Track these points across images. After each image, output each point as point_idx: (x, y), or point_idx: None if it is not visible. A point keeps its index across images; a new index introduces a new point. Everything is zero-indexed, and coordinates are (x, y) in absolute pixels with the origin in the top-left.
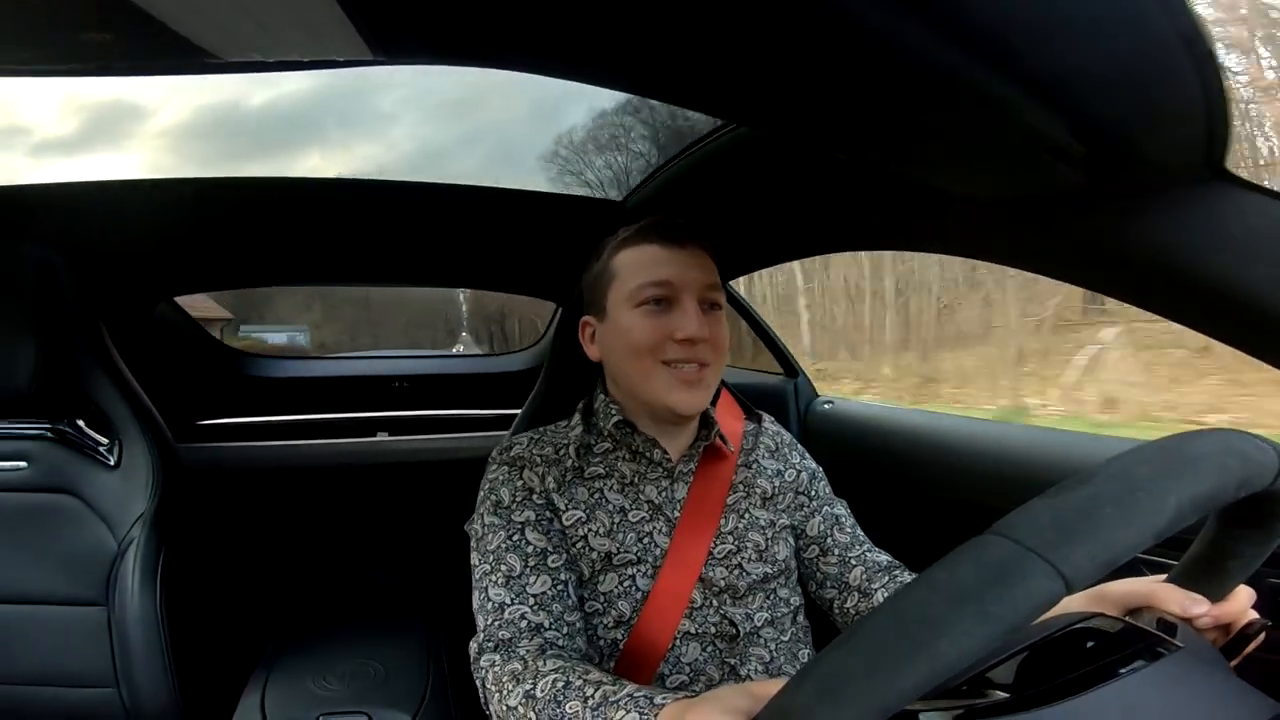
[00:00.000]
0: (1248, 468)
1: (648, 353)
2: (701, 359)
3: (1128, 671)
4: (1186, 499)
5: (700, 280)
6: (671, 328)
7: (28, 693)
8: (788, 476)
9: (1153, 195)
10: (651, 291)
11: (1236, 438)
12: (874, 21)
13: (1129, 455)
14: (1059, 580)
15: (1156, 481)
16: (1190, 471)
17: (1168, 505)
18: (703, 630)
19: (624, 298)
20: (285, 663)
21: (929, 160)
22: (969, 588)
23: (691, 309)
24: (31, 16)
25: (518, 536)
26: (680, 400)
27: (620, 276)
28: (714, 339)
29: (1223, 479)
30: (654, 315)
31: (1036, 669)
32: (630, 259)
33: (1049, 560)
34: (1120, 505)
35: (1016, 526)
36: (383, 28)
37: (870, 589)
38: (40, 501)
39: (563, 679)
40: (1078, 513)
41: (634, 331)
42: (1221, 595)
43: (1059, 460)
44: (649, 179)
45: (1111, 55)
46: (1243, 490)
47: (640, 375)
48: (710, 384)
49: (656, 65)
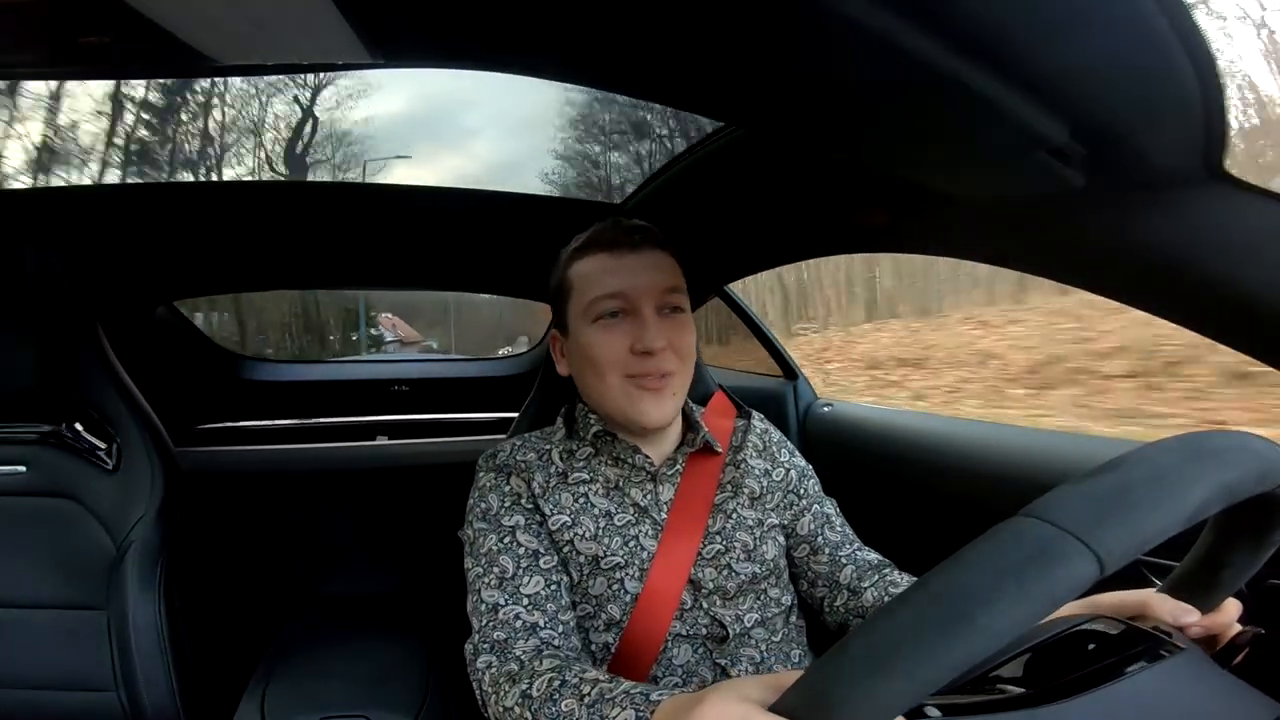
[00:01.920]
0: (1265, 463)
1: (608, 369)
2: (664, 369)
3: (1135, 670)
4: (1213, 486)
5: (656, 285)
6: (630, 339)
7: (27, 696)
8: (776, 475)
9: (1151, 196)
10: (606, 305)
11: (1250, 437)
12: (872, 23)
13: (1152, 447)
14: (1095, 562)
15: (1182, 469)
16: (1214, 461)
17: (1195, 492)
18: (693, 632)
19: (580, 312)
20: (285, 666)
21: (928, 162)
22: (1008, 566)
23: (650, 318)
24: (32, 20)
25: (509, 539)
26: (646, 413)
27: (576, 290)
28: (675, 345)
29: (1245, 470)
30: (611, 329)
31: (1041, 670)
32: (582, 270)
33: (1085, 541)
34: (1151, 489)
35: (1052, 509)
36: (382, 31)
37: (860, 587)
38: (39, 505)
39: (558, 678)
40: (1112, 496)
41: (592, 348)
42: (1212, 606)
43: (1060, 462)
44: (648, 182)
45: (1110, 55)
46: (1262, 484)
47: (604, 391)
48: (678, 391)
49: (654, 68)
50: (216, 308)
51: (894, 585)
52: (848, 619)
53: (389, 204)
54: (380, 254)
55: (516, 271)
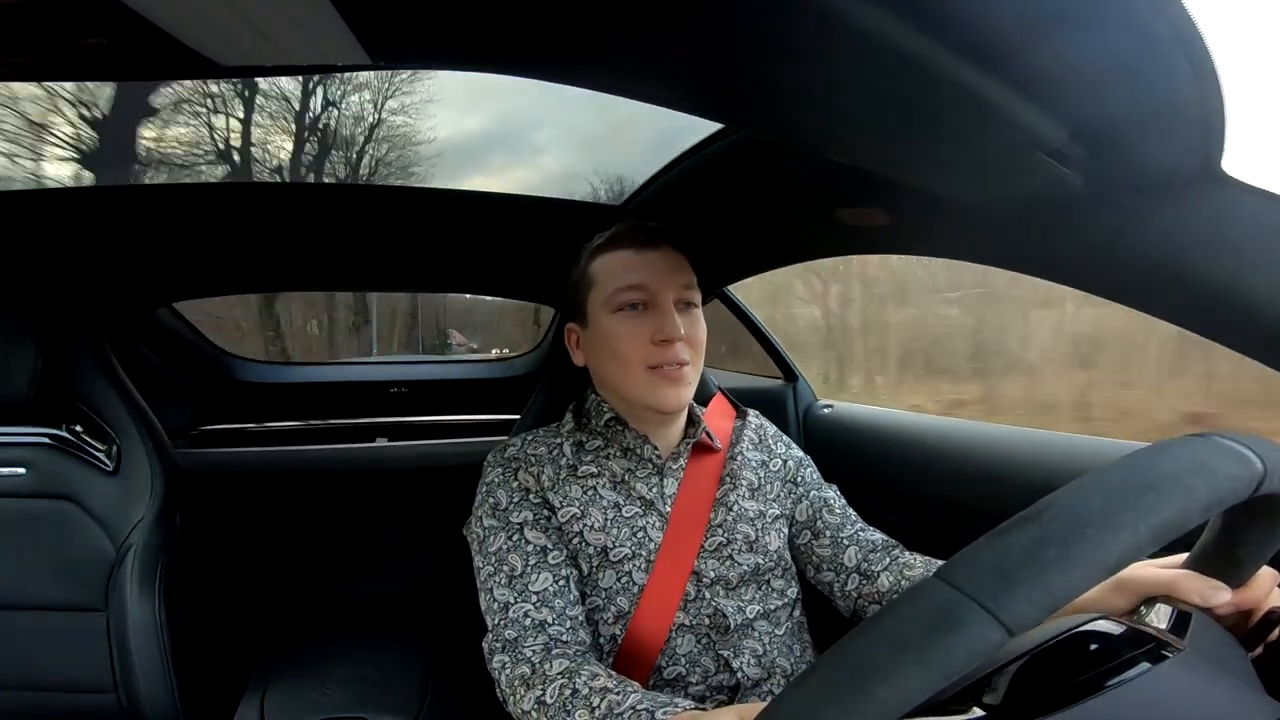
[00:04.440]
0: (1216, 488)
1: (632, 359)
2: (681, 359)
3: (1116, 684)
4: (1144, 531)
5: (675, 280)
6: (651, 329)
7: (26, 698)
8: (773, 466)
9: (1150, 197)
10: (629, 295)
11: (1213, 451)
12: (873, 25)
13: (1086, 483)
14: (999, 628)
15: (1110, 515)
16: (1151, 498)
17: (1120, 541)
18: (697, 622)
19: (602, 303)
20: (284, 668)
21: (929, 164)
22: (909, 636)
23: (669, 310)
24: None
25: (517, 537)
26: (664, 398)
27: (598, 283)
28: (691, 337)
29: (1186, 504)
30: (633, 319)
31: (1038, 674)
32: (606, 265)
33: (988, 608)
34: (1065, 545)
35: (959, 571)
36: (381, 33)
37: (872, 570)
38: (39, 507)
39: (569, 686)
40: (1022, 555)
41: (615, 337)
42: (1240, 581)
43: (1060, 464)
44: (648, 184)
45: (1109, 57)
46: (1210, 511)
47: (624, 378)
48: (691, 380)
49: (654, 70)
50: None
51: (909, 567)
52: (861, 604)
53: (388, 205)
54: (380, 255)
55: (517, 273)
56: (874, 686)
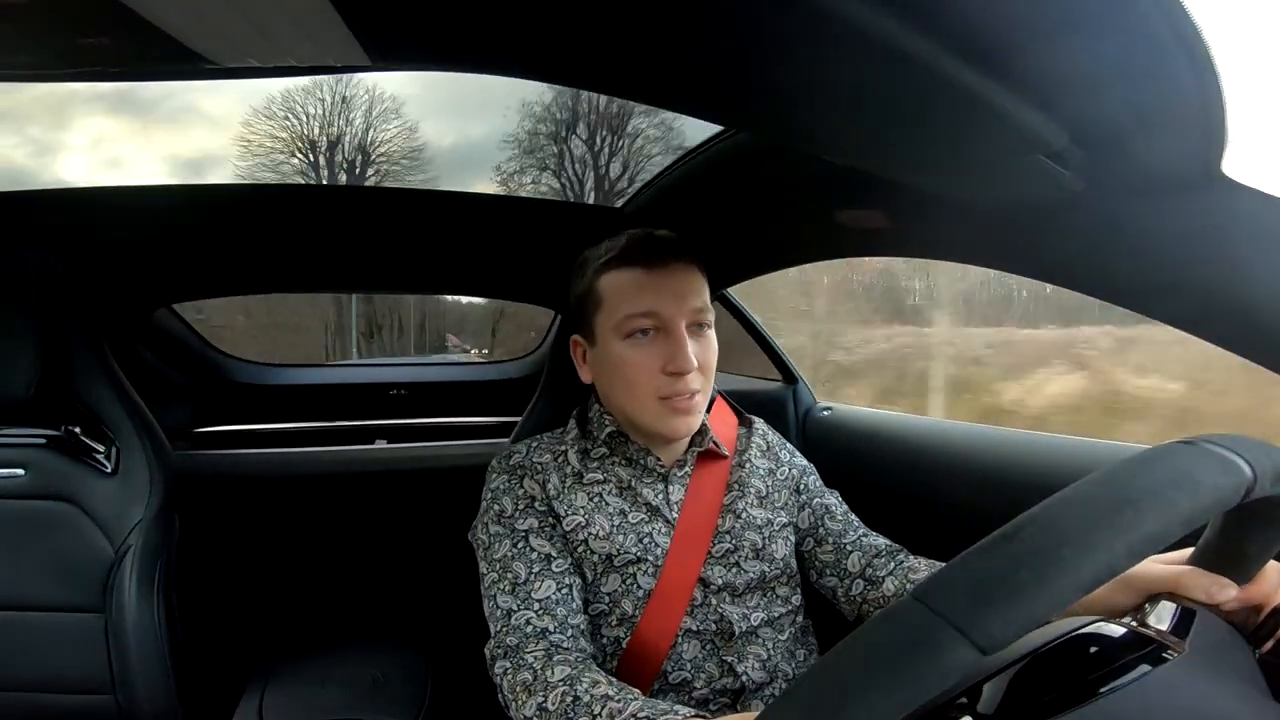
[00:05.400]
0: (1198, 501)
1: (642, 389)
2: (693, 389)
3: (1113, 689)
4: (1120, 549)
5: (689, 305)
6: (663, 359)
7: (25, 699)
8: (780, 474)
9: (1150, 199)
10: (640, 323)
11: (1198, 460)
12: (873, 26)
13: (1065, 497)
14: (972, 648)
15: (1085, 534)
16: (1129, 514)
17: (1095, 561)
18: (702, 628)
19: (612, 327)
20: (283, 670)
21: (929, 166)
22: (884, 656)
23: (682, 340)
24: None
25: (522, 544)
26: (674, 427)
27: (607, 303)
28: (703, 364)
29: (1165, 519)
30: (644, 347)
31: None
32: (615, 284)
33: (961, 629)
34: (1038, 567)
35: (935, 591)
36: (379, 33)
37: (877, 575)
38: (38, 509)
39: (571, 693)
40: (998, 575)
41: (626, 365)
42: (1247, 577)
43: (1061, 466)
44: (647, 185)
45: (1109, 59)
46: (1193, 524)
47: (635, 406)
48: (701, 407)
49: (653, 70)
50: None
51: (914, 571)
52: (866, 609)
53: (388, 207)
54: (380, 257)
55: (517, 275)
56: (849, 706)
